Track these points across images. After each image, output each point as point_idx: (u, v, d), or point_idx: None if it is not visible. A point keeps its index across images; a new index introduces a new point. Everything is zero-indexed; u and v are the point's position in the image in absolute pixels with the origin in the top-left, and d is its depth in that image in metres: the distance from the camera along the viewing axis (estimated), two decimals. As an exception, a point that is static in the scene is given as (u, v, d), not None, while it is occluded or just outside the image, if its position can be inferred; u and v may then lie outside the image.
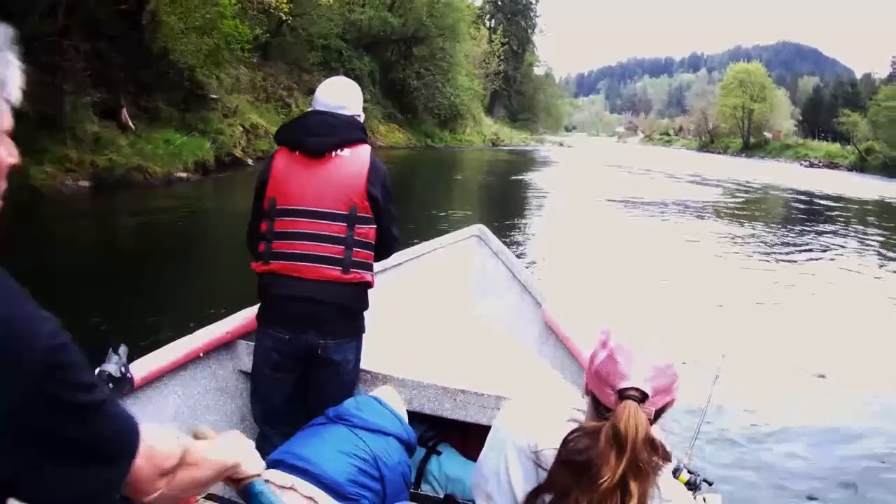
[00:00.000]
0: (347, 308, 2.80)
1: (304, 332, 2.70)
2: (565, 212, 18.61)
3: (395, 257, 4.36)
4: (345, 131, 2.79)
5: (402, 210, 3.04)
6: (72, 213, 12.95)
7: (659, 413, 1.50)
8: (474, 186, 26.95)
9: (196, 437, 1.52)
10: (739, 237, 15.89)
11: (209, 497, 2.04)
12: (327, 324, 2.73)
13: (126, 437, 1.12)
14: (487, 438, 1.67)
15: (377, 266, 2.98)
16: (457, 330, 4.08)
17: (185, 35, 19.43)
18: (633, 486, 1.38)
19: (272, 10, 26.82)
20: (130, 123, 17.19)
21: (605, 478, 1.37)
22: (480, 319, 4.33)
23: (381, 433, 2.40)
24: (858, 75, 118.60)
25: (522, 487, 1.52)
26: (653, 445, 1.42)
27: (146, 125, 17.94)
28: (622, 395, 1.45)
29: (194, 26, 19.62)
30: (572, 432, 1.46)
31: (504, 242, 5.13)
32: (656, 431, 1.48)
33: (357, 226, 2.74)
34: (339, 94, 2.88)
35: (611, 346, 1.50)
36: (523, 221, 16.42)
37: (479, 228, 5.02)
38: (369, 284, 2.85)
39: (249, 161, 21.54)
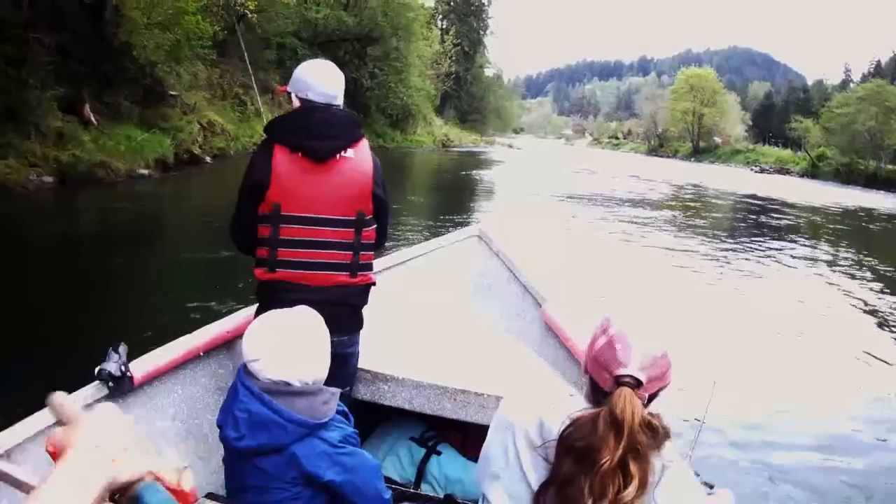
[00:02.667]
0: (356, 306, 2.84)
1: None
2: (520, 215, 18.39)
3: (395, 257, 4.52)
4: (348, 131, 2.74)
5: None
6: (38, 208, 12.94)
7: (652, 397, 1.57)
8: (437, 188, 26.91)
9: (58, 419, 0.97)
10: (689, 242, 16.17)
11: (209, 496, 2.07)
12: (340, 323, 2.64)
13: None
14: (491, 424, 1.72)
15: (377, 266, 3.03)
16: (457, 330, 4.07)
17: (148, 30, 19.36)
18: (633, 468, 1.45)
19: (238, 7, 26.62)
20: (93, 119, 17.13)
21: (605, 459, 1.44)
22: (480, 319, 4.33)
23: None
24: (809, 81, 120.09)
25: (531, 466, 1.58)
26: (650, 427, 1.49)
27: (108, 121, 17.85)
28: (618, 381, 1.53)
29: (157, 22, 19.58)
30: (570, 423, 1.53)
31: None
32: (657, 410, 1.58)
33: (364, 229, 2.74)
34: (336, 84, 2.78)
35: (610, 334, 1.58)
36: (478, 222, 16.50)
37: (479, 228, 4.97)
38: (373, 283, 2.88)
39: (207, 158, 21.76)
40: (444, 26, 78.94)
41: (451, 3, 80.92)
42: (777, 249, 16.12)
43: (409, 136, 54.39)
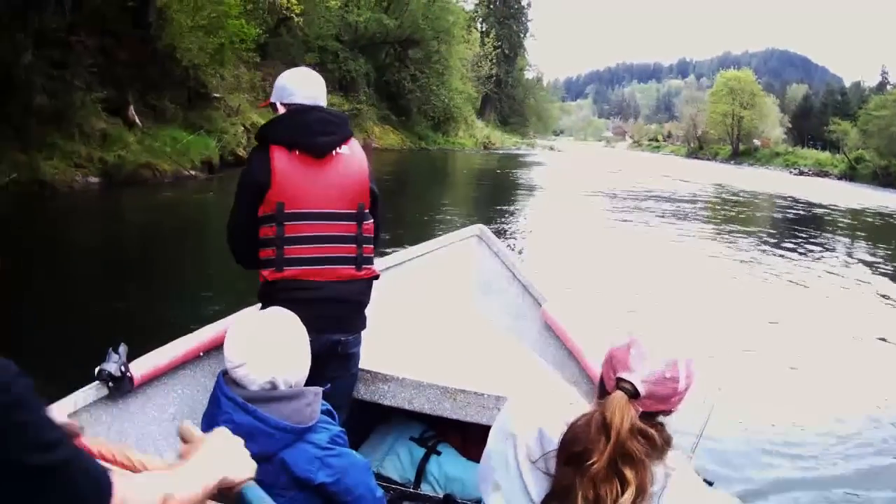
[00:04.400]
0: (361, 303, 2.86)
1: (326, 332, 2.65)
2: (563, 216, 18.70)
3: (396, 257, 4.50)
4: (342, 128, 2.79)
5: (412, 212, 3.06)
6: (83, 207, 13.06)
7: (648, 415, 1.53)
8: (477, 190, 26.99)
9: (183, 438, 1.44)
10: (732, 244, 15.82)
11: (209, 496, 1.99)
12: (347, 321, 2.78)
13: (97, 495, 1.01)
14: (492, 430, 1.69)
15: (377, 266, 2.99)
16: (457, 330, 4.07)
17: (192, 33, 19.44)
18: (628, 473, 1.43)
19: (284, 12, 26.70)
20: (137, 121, 17.22)
21: (594, 460, 1.43)
22: (480, 319, 4.33)
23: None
24: (847, 83, 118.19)
25: (533, 480, 1.55)
26: (644, 435, 1.47)
27: (152, 123, 17.98)
28: (618, 384, 1.52)
29: (200, 25, 19.65)
30: (568, 430, 1.51)
31: (508, 245, 5.07)
32: (664, 422, 1.55)
33: (364, 223, 2.79)
34: (320, 87, 2.83)
35: (632, 338, 1.56)
36: (524, 223, 16.51)
37: (480, 228, 5.01)
38: (377, 277, 2.89)
39: (251, 160, 21.68)
40: (484, 29, 78.85)
41: (491, 6, 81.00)
42: (812, 251, 15.68)
43: (451, 138, 54.47)
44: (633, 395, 1.50)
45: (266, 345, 2.05)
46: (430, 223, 13.64)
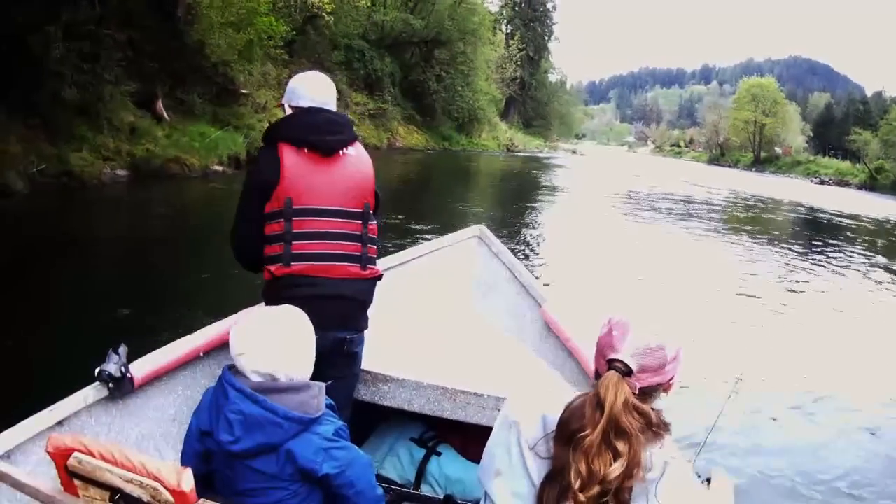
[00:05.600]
0: (365, 302, 2.87)
1: (332, 330, 2.65)
2: (581, 218, 18.77)
3: (396, 258, 4.46)
4: (349, 129, 2.83)
5: (441, 210, 3.03)
6: (112, 200, 13.09)
7: (648, 391, 1.57)
8: (502, 190, 27.04)
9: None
10: (752, 251, 15.76)
11: (209, 497, 1.97)
12: (352, 319, 2.79)
13: None
14: (496, 424, 1.71)
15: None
16: (457, 330, 4.10)
17: (222, 29, 19.50)
18: (621, 447, 1.46)
19: (315, 10, 26.76)
20: (165, 115, 17.26)
21: (587, 432, 1.47)
22: (480, 320, 4.35)
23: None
24: (868, 92, 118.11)
25: (534, 464, 1.57)
26: (639, 412, 1.50)
27: (180, 117, 18.03)
28: (610, 365, 1.56)
29: (230, 21, 19.70)
30: (565, 410, 1.55)
31: (530, 246, 5.05)
32: (654, 405, 1.58)
33: (369, 222, 2.81)
34: (330, 91, 2.86)
35: (613, 322, 1.61)
36: (543, 224, 16.55)
37: (480, 229, 4.97)
38: (380, 277, 2.90)
39: (278, 156, 21.78)
40: (509, 31, 78.78)
41: (517, 9, 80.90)
42: (831, 258, 15.65)
43: (475, 139, 54.48)
44: (627, 372, 1.54)
45: (269, 337, 2.05)
46: (453, 221, 13.55)
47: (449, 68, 47.87)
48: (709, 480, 2.30)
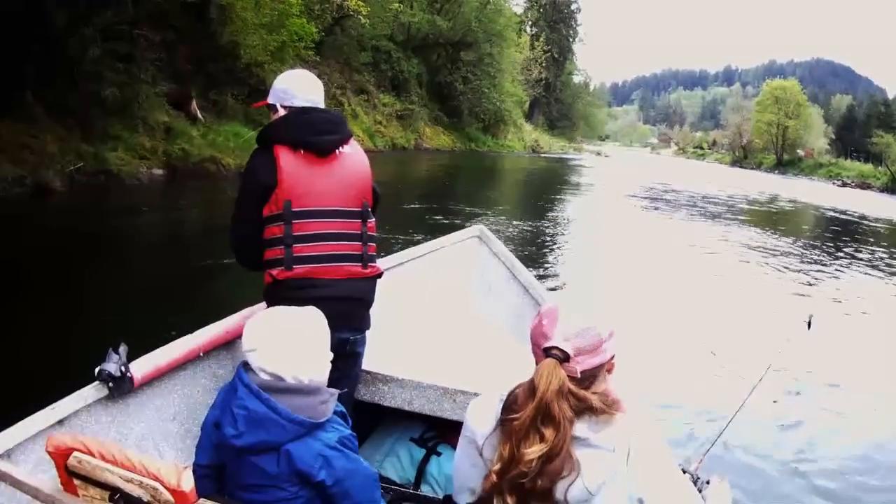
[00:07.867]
0: (367, 302, 2.87)
1: (335, 330, 2.51)
2: (611, 220, 18.76)
3: (395, 257, 4.44)
4: (344, 128, 2.81)
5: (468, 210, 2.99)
6: (150, 198, 13.23)
7: (590, 374, 1.59)
8: (530, 191, 27.06)
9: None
10: (776, 253, 15.58)
11: (209, 497, 1.94)
12: (355, 319, 2.79)
13: None
14: (458, 442, 1.74)
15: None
16: (457, 330, 4.11)
17: (255, 31, 19.59)
18: (547, 433, 1.50)
19: (350, 12, 26.83)
20: (199, 115, 17.42)
21: (516, 416, 1.53)
22: (481, 320, 4.36)
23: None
24: (890, 95, 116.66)
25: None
26: (578, 397, 1.54)
27: (214, 118, 18.24)
28: (546, 353, 1.60)
29: (263, 23, 19.77)
30: (503, 400, 1.61)
31: (549, 246, 5.03)
32: (606, 386, 1.62)
33: (367, 221, 2.81)
34: (320, 89, 2.85)
35: (542, 311, 1.67)
36: (578, 229, 16.49)
37: (480, 229, 4.98)
38: (380, 275, 2.90)
39: (309, 156, 21.96)
40: (533, 32, 78.58)
41: (542, 10, 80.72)
42: (854, 260, 15.47)
43: (500, 140, 54.42)
44: (564, 358, 1.57)
45: (278, 337, 2.03)
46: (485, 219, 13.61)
47: (475, 70, 47.82)
48: (708, 482, 2.33)
